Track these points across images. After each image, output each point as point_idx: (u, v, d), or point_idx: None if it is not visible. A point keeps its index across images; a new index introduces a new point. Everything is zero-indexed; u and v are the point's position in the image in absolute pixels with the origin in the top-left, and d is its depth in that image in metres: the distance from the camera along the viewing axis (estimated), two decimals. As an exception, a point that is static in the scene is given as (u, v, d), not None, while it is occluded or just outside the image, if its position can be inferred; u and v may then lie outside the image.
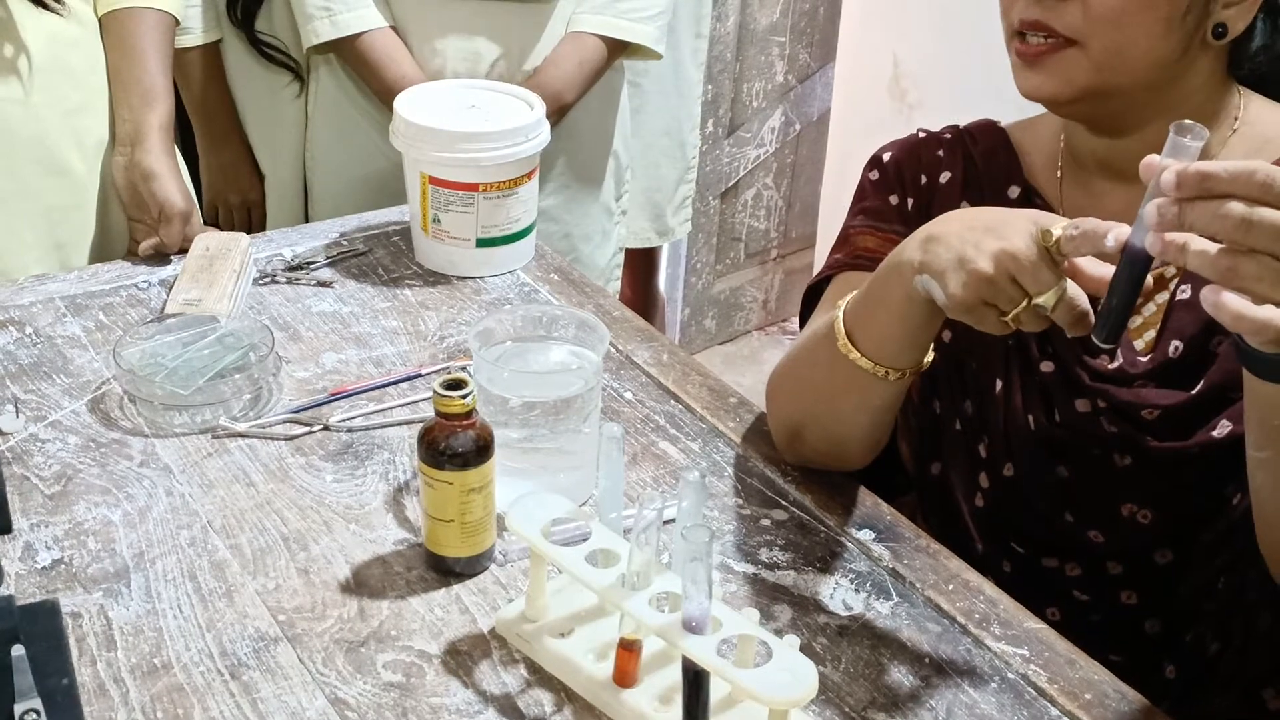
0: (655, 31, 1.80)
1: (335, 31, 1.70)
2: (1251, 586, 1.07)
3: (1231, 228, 0.75)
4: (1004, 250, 0.89)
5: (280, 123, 1.87)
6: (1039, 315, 0.90)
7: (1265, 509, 0.94)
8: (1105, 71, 1.00)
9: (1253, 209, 0.75)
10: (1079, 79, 1.00)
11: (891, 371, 1.02)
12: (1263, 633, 1.08)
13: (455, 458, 0.98)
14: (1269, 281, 0.75)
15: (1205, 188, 0.76)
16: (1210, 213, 0.76)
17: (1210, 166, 0.76)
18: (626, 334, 1.37)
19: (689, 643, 0.83)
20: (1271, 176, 0.75)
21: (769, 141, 3.01)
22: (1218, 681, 1.09)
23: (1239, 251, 0.76)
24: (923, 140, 1.18)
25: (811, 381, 1.09)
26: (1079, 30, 0.99)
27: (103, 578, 1.01)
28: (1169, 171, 0.77)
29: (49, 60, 1.45)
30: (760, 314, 3.24)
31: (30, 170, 1.46)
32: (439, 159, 1.43)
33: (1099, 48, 0.99)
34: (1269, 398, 0.86)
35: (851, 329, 1.02)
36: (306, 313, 1.39)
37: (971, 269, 0.90)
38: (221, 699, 0.91)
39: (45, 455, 1.14)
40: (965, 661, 0.97)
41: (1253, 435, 0.91)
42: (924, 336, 1.01)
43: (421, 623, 0.98)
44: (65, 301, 1.38)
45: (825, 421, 1.10)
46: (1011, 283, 0.90)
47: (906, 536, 1.09)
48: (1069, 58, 1.00)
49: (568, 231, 1.90)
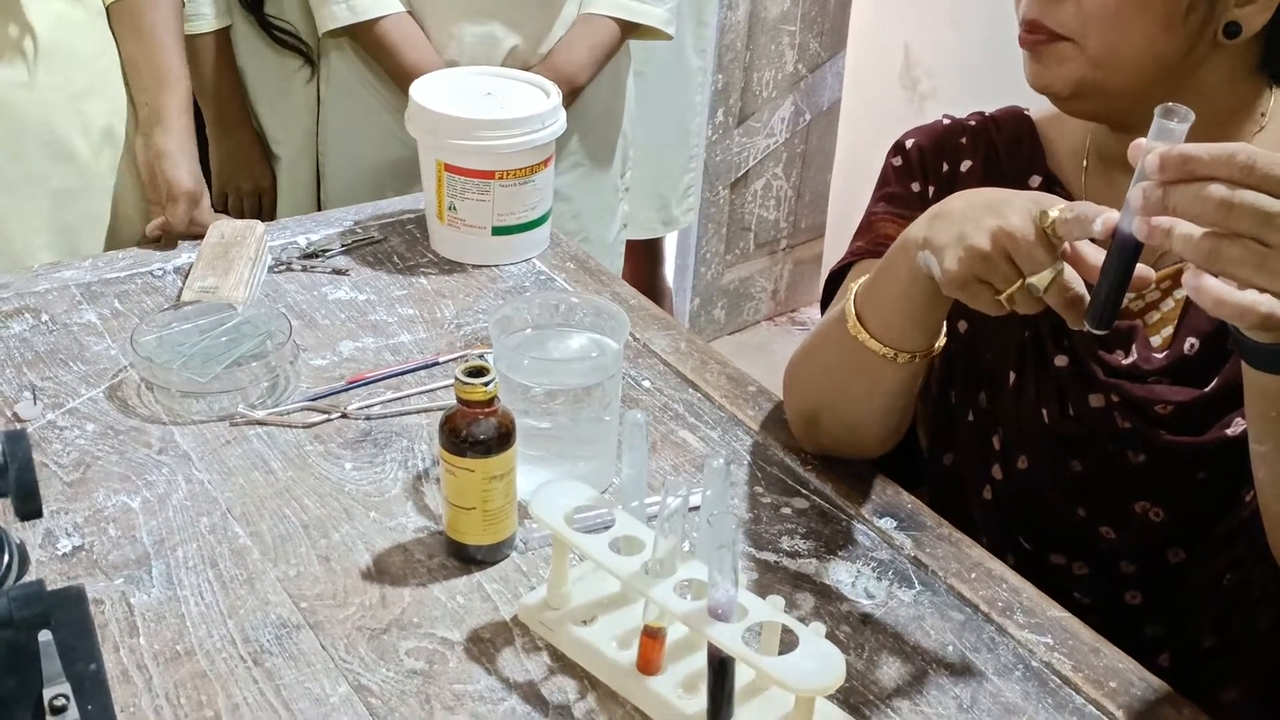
0: (665, 13, 1.82)
1: (353, 16, 1.70)
2: (1257, 584, 1.06)
3: (1213, 210, 0.74)
4: (1001, 228, 0.89)
5: (292, 107, 1.87)
6: (1032, 296, 0.90)
7: (1269, 504, 0.94)
8: (1102, 69, 0.99)
9: (1234, 191, 0.74)
10: (1073, 73, 1.00)
11: (901, 354, 1.01)
12: (1262, 631, 1.08)
13: (477, 445, 0.97)
14: (1251, 265, 0.75)
15: (1187, 170, 0.75)
16: (1193, 195, 0.75)
17: (1192, 148, 0.76)
18: (644, 322, 1.37)
19: (715, 630, 0.83)
20: (1252, 158, 0.74)
21: (779, 131, 3.01)
22: (1212, 675, 1.09)
23: (1222, 235, 0.75)
24: (947, 127, 1.17)
25: (825, 366, 1.09)
26: (1074, 29, 0.98)
27: (124, 564, 1.01)
28: (1153, 155, 0.77)
29: (54, 44, 1.44)
30: (770, 304, 3.23)
31: (37, 154, 1.45)
32: (455, 146, 1.42)
33: (1095, 46, 0.98)
34: (1265, 388, 0.85)
35: (862, 310, 1.03)
36: (322, 300, 1.39)
37: (968, 245, 0.90)
38: (245, 685, 0.91)
39: (64, 442, 1.14)
40: (989, 650, 0.96)
41: (1253, 428, 0.90)
42: (930, 317, 1.00)
43: (443, 610, 0.98)
44: (80, 289, 1.38)
45: (839, 407, 1.10)
46: (1007, 261, 0.89)
47: (928, 525, 1.09)
48: (1062, 50, 1.00)
49: (579, 210, 1.92)
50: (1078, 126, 1.12)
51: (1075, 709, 0.91)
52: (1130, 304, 1.07)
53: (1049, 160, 1.13)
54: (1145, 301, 1.07)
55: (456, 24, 1.73)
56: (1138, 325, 1.06)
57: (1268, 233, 0.74)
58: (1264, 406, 0.87)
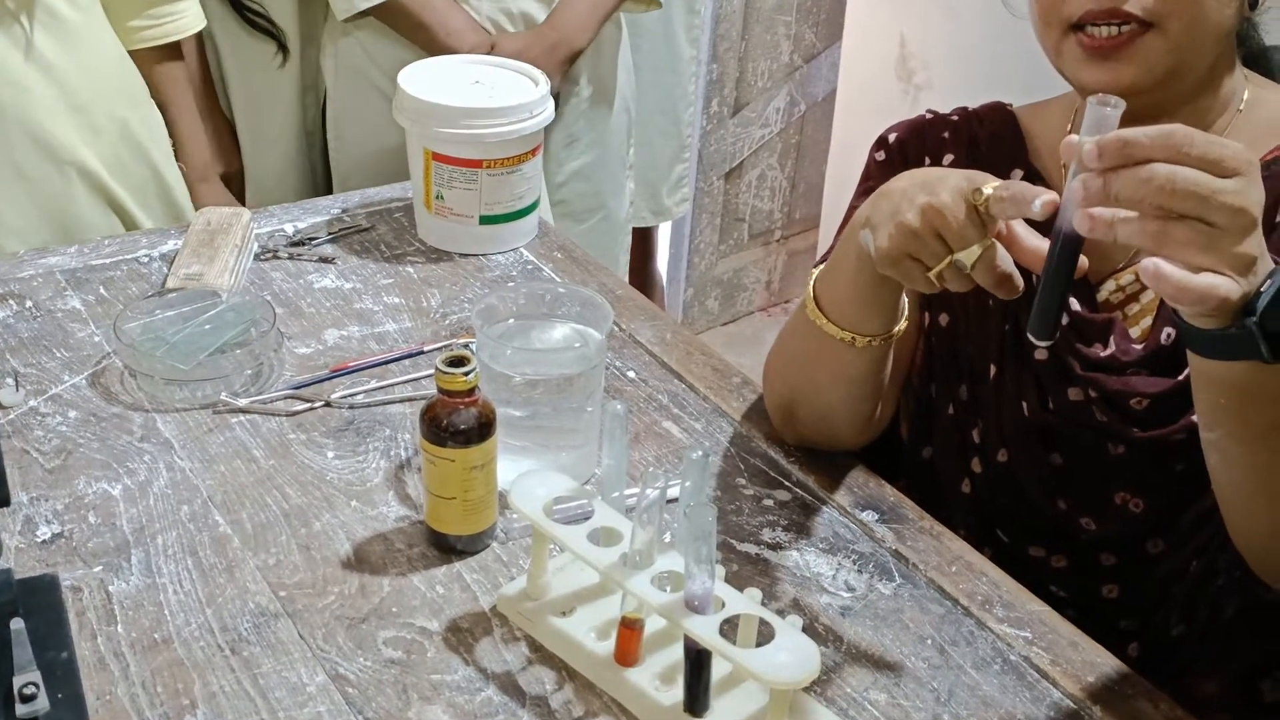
0: None
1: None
2: (1222, 571, 1.06)
3: (1155, 191, 0.74)
4: (931, 204, 0.89)
5: (268, 94, 1.87)
6: (962, 273, 0.89)
7: (1223, 492, 0.94)
8: (1182, 51, 0.97)
9: (1175, 170, 0.73)
10: (1160, 63, 0.97)
11: (859, 338, 1.01)
12: (1228, 619, 1.08)
13: (457, 435, 0.97)
14: (1197, 246, 0.74)
15: (1126, 154, 0.75)
16: (1135, 179, 0.75)
17: (1129, 133, 0.75)
18: (630, 312, 1.37)
19: (691, 622, 0.83)
20: (1189, 137, 0.74)
21: (774, 122, 3.00)
22: (1180, 665, 1.09)
23: (1168, 218, 0.74)
24: (929, 121, 1.17)
25: (793, 355, 1.10)
26: (1154, 11, 0.95)
27: (103, 552, 1.00)
28: (1090, 144, 0.76)
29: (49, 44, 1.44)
30: (763, 295, 3.23)
31: (29, 157, 1.45)
32: (442, 135, 1.42)
33: (1177, 27, 0.96)
34: (1211, 375, 0.85)
35: (820, 295, 1.03)
36: (308, 289, 1.38)
37: (899, 221, 0.90)
38: (222, 674, 0.90)
39: (45, 429, 1.14)
40: (967, 643, 0.96)
41: (1203, 417, 0.90)
42: (881, 299, 1.00)
43: (422, 600, 0.98)
44: (65, 275, 1.37)
45: (810, 396, 1.10)
46: (935, 237, 0.89)
47: (909, 518, 1.09)
48: (1148, 43, 0.96)
49: (598, 189, 1.96)
50: (1060, 119, 1.12)
51: (1052, 703, 0.91)
52: (1110, 296, 1.07)
53: (1031, 155, 1.12)
54: (1125, 294, 1.07)
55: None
56: (1116, 317, 1.06)
57: (1209, 211, 0.74)
58: (1212, 394, 0.87)
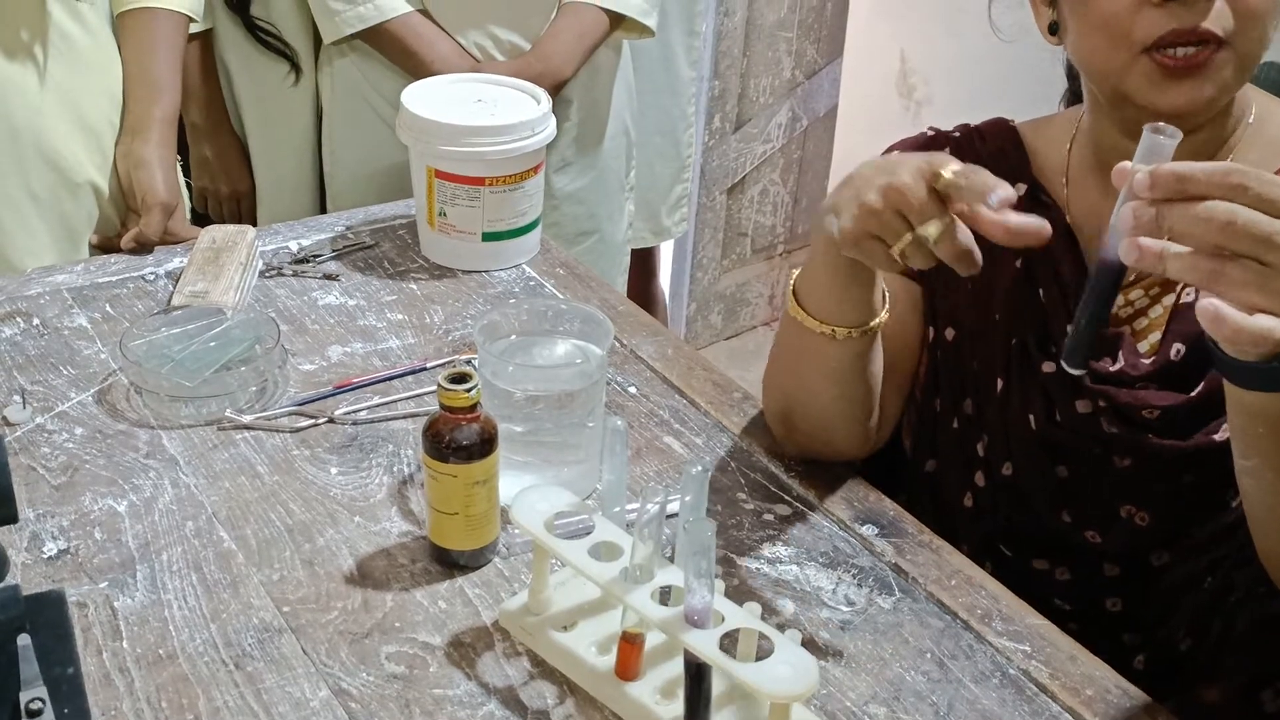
0: (643, 4, 1.83)
1: (379, 15, 1.71)
2: (1239, 587, 1.07)
3: (1216, 231, 0.73)
4: (891, 184, 0.90)
5: (280, 113, 1.87)
6: (924, 249, 0.90)
7: (1256, 516, 0.94)
8: (1245, 71, 0.97)
9: (1235, 210, 0.73)
10: (1234, 81, 0.97)
11: (838, 329, 1.03)
12: (1239, 634, 1.08)
13: (459, 451, 0.98)
14: (1254, 287, 0.74)
15: (1180, 189, 0.75)
16: (1192, 215, 0.74)
17: (1185, 167, 0.74)
18: (631, 328, 1.37)
19: (691, 636, 0.83)
20: (1245, 178, 0.74)
21: (776, 137, 3.01)
22: (1187, 678, 1.09)
23: (1224, 256, 0.74)
24: (931, 139, 1.18)
25: (783, 358, 1.11)
26: (1230, 30, 0.95)
27: (108, 568, 1.01)
28: (1142, 173, 0.76)
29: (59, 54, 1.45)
30: (766, 309, 3.24)
31: (42, 178, 1.46)
32: (445, 153, 1.43)
33: (1245, 45, 0.96)
34: (1250, 406, 0.84)
35: (799, 290, 1.05)
36: (312, 305, 1.39)
37: (860, 202, 0.91)
38: (226, 689, 0.91)
39: (52, 446, 1.15)
40: (967, 657, 0.97)
41: (1238, 444, 0.90)
42: (854, 287, 1.01)
43: (425, 615, 0.99)
44: (72, 293, 1.38)
45: (802, 399, 1.11)
46: (896, 215, 0.90)
47: (909, 532, 1.09)
48: (1222, 61, 0.96)
49: (593, 211, 1.95)
50: (1062, 134, 1.13)
51: (1051, 716, 0.92)
52: (1119, 310, 1.08)
53: (1034, 170, 1.13)
54: (1134, 309, 1.08)
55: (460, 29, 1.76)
56: (1125, 332, 1.07)
57: (1266, 251, 0.73)
58: (1249, 424, 0.86)
